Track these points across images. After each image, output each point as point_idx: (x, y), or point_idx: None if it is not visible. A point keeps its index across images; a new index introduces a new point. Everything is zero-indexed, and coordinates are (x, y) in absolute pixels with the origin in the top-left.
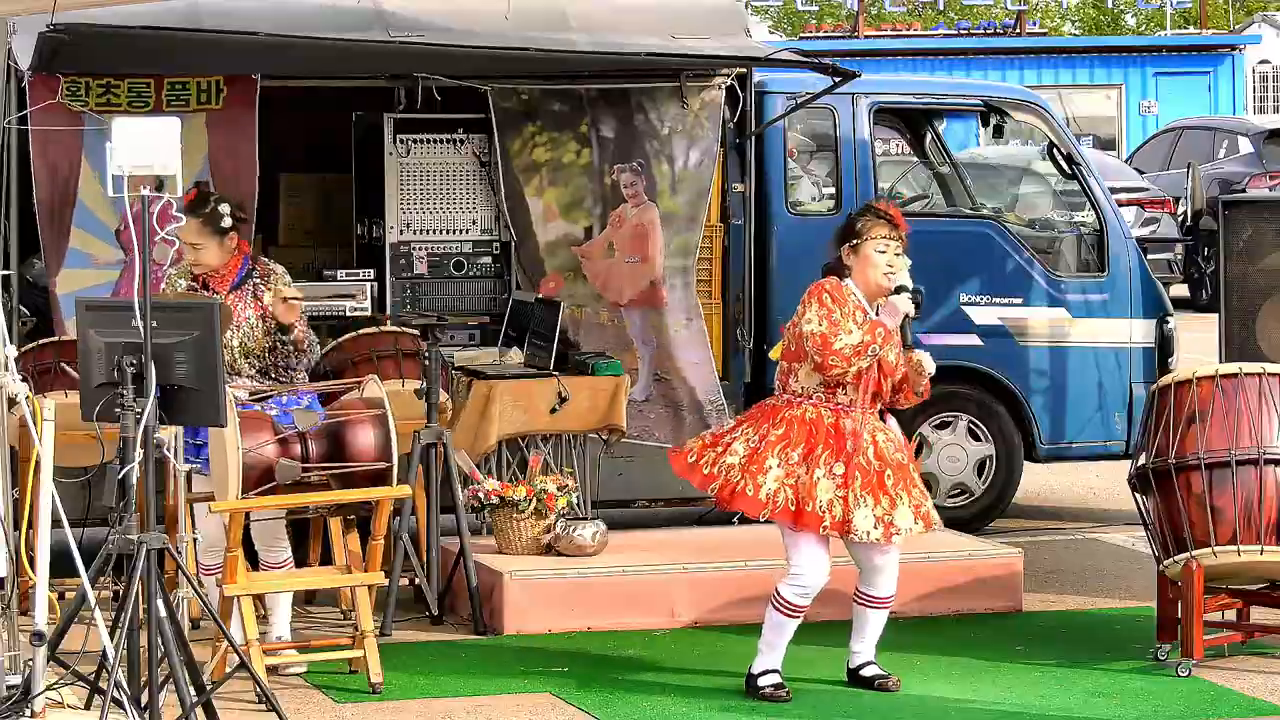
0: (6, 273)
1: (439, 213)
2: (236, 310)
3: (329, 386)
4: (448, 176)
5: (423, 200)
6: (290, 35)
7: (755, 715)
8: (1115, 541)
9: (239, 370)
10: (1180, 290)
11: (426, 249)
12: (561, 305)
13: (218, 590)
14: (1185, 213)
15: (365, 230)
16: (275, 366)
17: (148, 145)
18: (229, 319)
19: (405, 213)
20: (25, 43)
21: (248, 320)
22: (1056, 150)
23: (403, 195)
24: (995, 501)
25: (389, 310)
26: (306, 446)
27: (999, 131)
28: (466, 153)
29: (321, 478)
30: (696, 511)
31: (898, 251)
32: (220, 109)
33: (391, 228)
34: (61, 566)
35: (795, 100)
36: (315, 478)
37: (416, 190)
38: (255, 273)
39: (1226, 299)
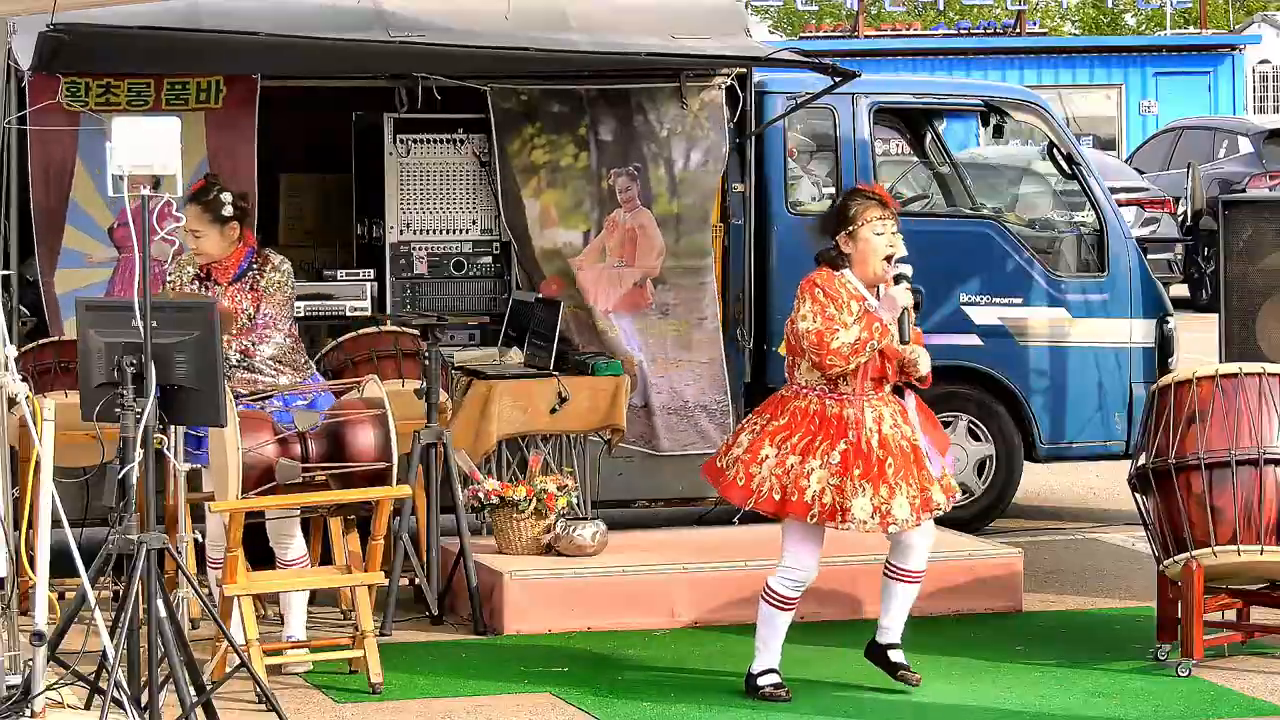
0: (6, 273)
1: (439, 213)
2: (235, 302)
3: (329, 386)
4: (448, 176)
5: (423, 200)
6: (290, 35)
7: (755, 715)
8: (1115, 541)
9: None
10: (1180, 290)
11: (426, 249)
12: (562, 305)
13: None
14: (1185, 213)
15: (365, 230)
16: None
17: (147, 145)
18: (229, 321)
19: (405, 213)
20: (25, 43)
21: (245, 312)
22: (1056, 150)
23: (403, 195)
24: (995, 501)
25: (389, 310)
26: (306, 446)
27: (999, 131)
28: (466, 153)
29: (321, 477)
30: (696, 511)
31: (894, 230)
32: (220, 109)
33: (391, 228)
34: (61, 566)
35: (795, 100)
36: (315, 477)
37: (416, 190)
38: (256, 265)
39: (1226, 299)
